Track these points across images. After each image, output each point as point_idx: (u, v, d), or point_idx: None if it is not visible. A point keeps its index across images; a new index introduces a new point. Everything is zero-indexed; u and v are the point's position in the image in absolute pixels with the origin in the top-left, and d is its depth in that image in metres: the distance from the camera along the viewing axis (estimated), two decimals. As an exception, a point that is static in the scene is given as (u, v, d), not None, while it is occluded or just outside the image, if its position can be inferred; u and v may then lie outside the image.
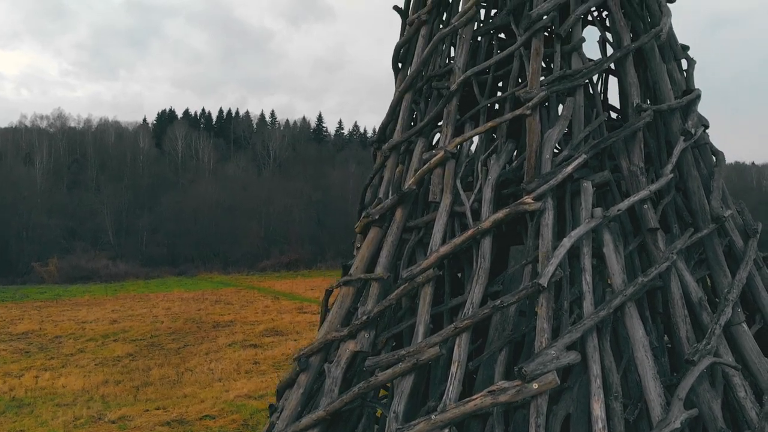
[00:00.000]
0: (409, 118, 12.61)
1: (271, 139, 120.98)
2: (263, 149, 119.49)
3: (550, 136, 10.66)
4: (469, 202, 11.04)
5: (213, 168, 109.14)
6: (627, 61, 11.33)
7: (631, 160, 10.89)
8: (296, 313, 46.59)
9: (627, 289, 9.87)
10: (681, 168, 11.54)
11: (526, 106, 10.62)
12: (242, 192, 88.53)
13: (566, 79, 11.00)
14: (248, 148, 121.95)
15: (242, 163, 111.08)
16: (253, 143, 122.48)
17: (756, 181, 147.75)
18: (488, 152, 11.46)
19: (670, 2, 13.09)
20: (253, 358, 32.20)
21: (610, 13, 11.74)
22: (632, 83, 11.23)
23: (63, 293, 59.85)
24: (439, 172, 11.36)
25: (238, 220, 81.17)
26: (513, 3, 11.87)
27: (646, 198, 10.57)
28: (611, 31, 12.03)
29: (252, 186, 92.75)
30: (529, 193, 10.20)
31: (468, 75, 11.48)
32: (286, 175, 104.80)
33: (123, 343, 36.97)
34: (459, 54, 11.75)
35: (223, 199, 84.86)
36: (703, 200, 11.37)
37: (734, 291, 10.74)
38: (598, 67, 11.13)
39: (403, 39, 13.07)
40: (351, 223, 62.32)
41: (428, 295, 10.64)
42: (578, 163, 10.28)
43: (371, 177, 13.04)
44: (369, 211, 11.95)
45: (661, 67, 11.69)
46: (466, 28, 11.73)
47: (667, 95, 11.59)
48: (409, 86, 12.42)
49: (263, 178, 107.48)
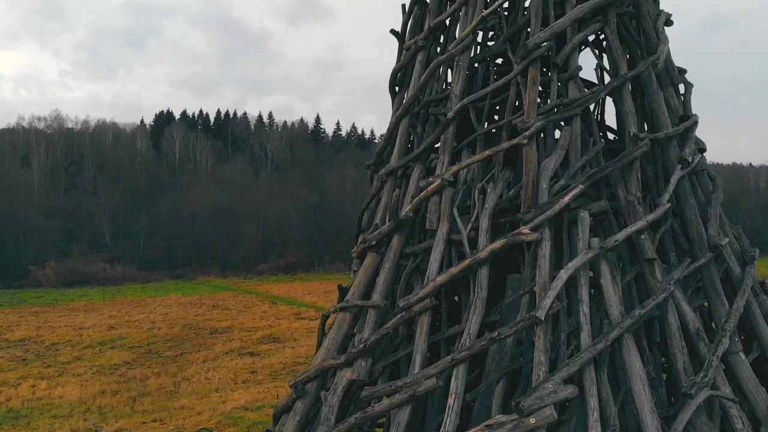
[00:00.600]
0: (407, 142, 12.59)
1: (269, 141, 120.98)
2: (261, 151, 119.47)
3: (546, 166, 10.64)
4: (466, 230, 11.02)
5: (211, 170, 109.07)
6: (624, 89, 11.31)
7: (628, 190, 10.88)
8: (294, 319, 46.59)
9: (624, 322, 9.85)
10: (678, 195, 11.52)
11: (523, 136, 10.61)
12: (240, 195, 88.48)
13: (563, 108, 10.98)
14: (246, 150, 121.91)
15: (240, 165, 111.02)
16: (251, 144, 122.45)
17: (753, 182, 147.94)
18: (485, 180, 11.44)
19: (668, 26, 13.10)
20: (250, 366, 32.15)
21: (607, 41, 11.72)
22: (629, 112, 11.21)
23: (60, 298, 59.82)
24: (435, 200, 11.35)
25: (235, 224, 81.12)
26: (510, 31, 11.86)
27: (644, 228, 10.55)
28: (608, 59, 12.01)
29: (250, 189, 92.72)
30: (526, 224, 10.18)
31: (465, 103, 11.46)
32: (283, 178, 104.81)
33: (120, 350, 36.96)
34: (456, 81, 11.73)
35: (220, 203, 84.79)
36: (700, 228, 11.36)
37: (731, 321, 10.72)
38: (595, 96, 11.12)
39: (400, 64, 13.05)
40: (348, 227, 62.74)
41: (425, 324, 10.63)
42: (575, 193, 10.27)
43: (368, 201, 13.03)
44: (366, 237, 11.93)
45: (658, 94, 11.67)
46: (463, 55, 11.71)
47: (664, 123, 11.57)
48: (406, 111, 12.40)
49: (261, 179, 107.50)
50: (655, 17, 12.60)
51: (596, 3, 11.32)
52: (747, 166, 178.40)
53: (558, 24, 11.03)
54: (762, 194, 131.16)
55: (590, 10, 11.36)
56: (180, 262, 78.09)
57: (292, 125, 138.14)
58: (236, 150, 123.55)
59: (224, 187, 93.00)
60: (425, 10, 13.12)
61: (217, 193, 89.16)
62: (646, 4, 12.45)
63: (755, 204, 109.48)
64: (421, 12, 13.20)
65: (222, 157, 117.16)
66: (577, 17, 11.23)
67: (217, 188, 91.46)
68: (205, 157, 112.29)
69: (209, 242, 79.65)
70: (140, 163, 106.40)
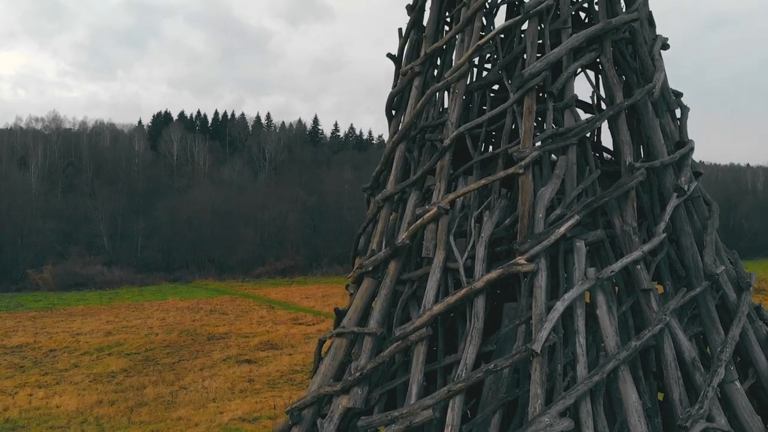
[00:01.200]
0: (403, 168, 12.60)
1: (267, 142, 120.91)
2: (259, 152, 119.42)
3: (542, 195, 10.66)
4: (462, 259, 11.03)
5: (208, 171, 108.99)
6: (620, 118, 11.34)
7: (624, 219, 10.90)
8: (291, 324, 46.53)
9: (620, 354, 9.88)
10: (674, 223, 11.55)
11: (519, 165, 10.63)
12: (238, 197, 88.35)
13: (559, 137, 10.99)
14: (244, 151, 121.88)
15: (238, 166, 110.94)
16: (249, 146, 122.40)
17: (751, 183, 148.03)
18: (481, 207, 11.45)
19: (664, 49, 13.13)
20: (247, 375, 32.10)
21: (603, 70, 11.73)
22: (625, 141, 11.24)
23: (58, 302, 59.75)
24: (432, 228, 11.36)
25: (233, 226, 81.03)
26: (506, 60, 11.88)
27: (639, 259, 10.57)
28: (604, 86, 12.02)
29: (248, 191, 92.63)
30: (522, 254, 10.20)
31: (461, 131, 11.47)
32: (281, 179, 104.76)
33: (117, 357, 36.90)
34: (452, 108, 11.74)
35: (218, 205, 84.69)
36: (696, 257, 11.38)
37: (727, 350, 10.76)
38: (591, 126, 11.13)
39: (396, 89, 13.06)
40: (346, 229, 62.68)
41: (421, 353, 10.65)
42: (571, 224, 10.29)
43: (364, 226, 13.04)
44: (363, 263, 11.94)
45: (654, 122, 11.69)
46: (459, 82, 11.71)
47: (659, 150, 11.59)
48: (403, 137, 12.41)
49: (259, 181, 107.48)
50: (651, 42, 12.62)
51: (592, 32, 11.33)
52: (745, 166, 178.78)
53: (553, 54, 11.04)
54: (760, 196, 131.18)
55: (586, 39, 11.38)
56: (177, 265, 77.96)
57: (290, 126, 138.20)
58: (234, 151, 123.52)
59: (222, 189, 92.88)
60: (422, 35, 13.13)
61: (215, 195, 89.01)
62: (641, 30, 12.47)
63: (753, 206, 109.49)
64: (418, 37, 13.22)
65: (220, 159, 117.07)
66: (572, 46, 11.24)
67: (215, 190, 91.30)
68: (203, 158, 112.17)
69: (207, 245, 79.54)
70: (138, 164, 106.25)
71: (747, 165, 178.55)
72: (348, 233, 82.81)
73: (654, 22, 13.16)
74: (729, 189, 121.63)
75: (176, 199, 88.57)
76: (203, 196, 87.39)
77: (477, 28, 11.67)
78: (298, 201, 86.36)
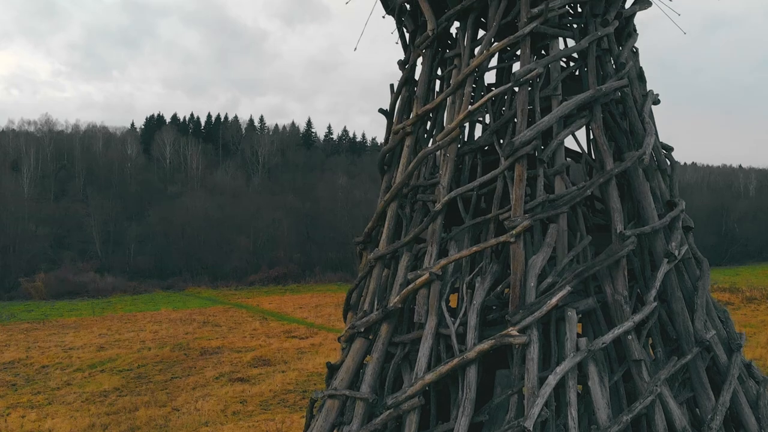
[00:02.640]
0: (395, 226, 12.61)
1: (260, 145, 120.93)
2: (252, 155, 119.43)
3: (534, 263, 10.69)
4: (454, 326, 11.06)
5: (201, 175, 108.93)
6: (610, 185, 11.36)
7: (615, 288, 10.93)
8: (284, 338, 46.57)
9: (612, 428, 9.92)
10: (665, 287, 11.58)
11: (510, 234, 10.65)
12: (231, 204, 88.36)
13: (550, 204, 11.02)
14: (237, 154, 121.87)
15: (231, 170, 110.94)
16: (242, 149, 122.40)
17: (743, 186, 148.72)
18: (473, 274, 11.48)
19: (655, 104, 13.16)
20: (240, 395, 32.10)
21: (593, 135, 11.76)
22: (615, 208, 11.26)
23: (50, 312, 59.69)
24: (423, 293, 11.38)
25: (226, 234, 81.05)
26: (496, 124, 11.90)
27: (631, 329, 10.61)
28: (594, 151, 12.06)
29: (241, 196, 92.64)
30: (514, 325, 10.23)
31: (452, 196, 11.49)
32: (275, 182, 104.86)
33: (110, 374, 36.88)
34: (443, 172, 11.76)
35: (211, 212, 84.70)
36: (687, 322, 11.42)
37: (717, 418, 10.82)
38: (582, 193, 11.14)
39: (388, 146, 13.08)
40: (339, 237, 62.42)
41: (414, 423, 10.67)
42: (562, 295, 10.32)
43: (357, 282, 13.05)
44: (355, 323, 11.96)
45: (644, 186, 11.72)
46: (450, 146, 11.73)
47: (650, 214, 11.62)
48: (394, 197, 12.42)
49: (252, 185, 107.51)
50: (642, 100, 12.65)
51: (582, 99, 11.36)
52: (737, 167, 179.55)
53: (544, 122, 11.06)
54: (752, 199, 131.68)
55: (576, 106, 11.41)
56: (170, 272, 77.96)
57: (283, 129, 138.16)
58: (227, 154, 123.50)
59: (215, 197, 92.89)
60: (413, 91, 13.15)
61: (208, 202, 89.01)
62: (632, 88, 12.51)
63: (745, 211, 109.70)
64: (409, 94, 13.23)
65: (213, 162, 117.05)
66: (562, 114, 11.26)
67: (208, 198, 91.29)
68: (196, 162, 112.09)
69: (200, 252, 79.52)
70: (130, 168, 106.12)
71: (739, 166, 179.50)
72: (341, 239, 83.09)
73: (644, 77, 13.19)
74: (721, 193, 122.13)
75: (169, 205, 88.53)
76: (196, 203, 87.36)
77: (467, 93, 11.69)
78: (291, 208, 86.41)
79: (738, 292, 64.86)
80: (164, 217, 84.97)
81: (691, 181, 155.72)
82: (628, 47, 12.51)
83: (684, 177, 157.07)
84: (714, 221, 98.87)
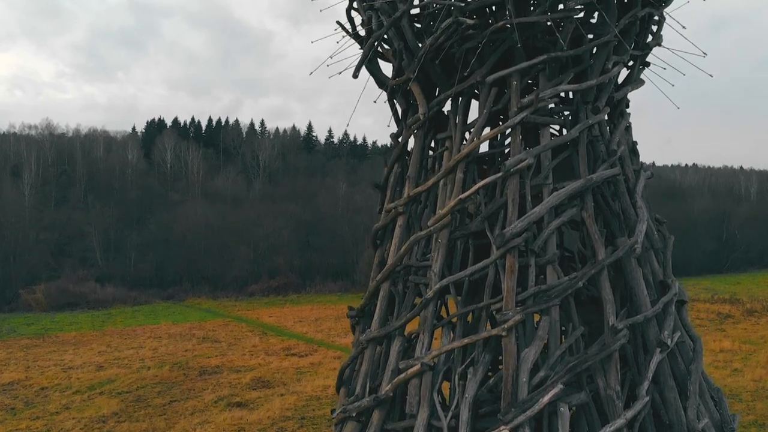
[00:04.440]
0: (387, 307, 12.61)
1: (261, 149, 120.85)
2: (253, 159, 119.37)
3: (526, 357, 10.67)
4: (446, 420, 11.05)
5: (202, 180, 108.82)
6: (602, 275, 11.33)
7: (608, 382, 10.92)
8: (283, 356, 46.58)
9: None
10: (658, 377, 11.57)
11: (501, 328, 10.64)
12: (232, 212, 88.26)
13: (541, 295, 11.00)
14: (238, 158, 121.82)
15: (232, 175, 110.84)
16: (243, 153, 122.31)
17: (744, 188, 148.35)
18: (465, 364, 11.47)
19: (649, 178, 13.12)
20: (238, 422, 32.08)
21: (585, 225, 11.73)
22: (607, 300, 11.24)
23: (50, 326, 59.77)
24: (415, 383, 11.38)
25: (227, 242, 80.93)
26: (488, 210, 11.87)
27: (623, 427, 10.60)
28: (586, 240, 12.03)
29: (242, 205, 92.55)
30: (506, 424, 10.22)
31: (444, 284, 11.48)
32: (276, 189, 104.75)
33: (109, 397, 36.87)
34: (435, 258, 11.75)
35: (212, 220, 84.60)
36: (680, 411, 11.43)
37: None
38: (573, 285, 11.12)
39: (380, 224, 13.09)
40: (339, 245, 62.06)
41: None
42: (555, 393, 10.31)
43: (348, 362, 13.05)
44: (346, 407, 11.95)
45: (636, 272, 11.70)
46: (442, 232, 11.72)
47: (642, 301, 11.60)
48: (387, 277, 12.41)
49: (253, 190, 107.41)
50: (635, 177, 12.62)
51: (573, 190, 11.33)
52: (738, 169, 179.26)
53: (535, 213, 11.05)
54: (753, 202, 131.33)
55: (567, 196, 11.38)
56: (171, 281, 77.85)
57: (284, 132, 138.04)
58: (228, 159, 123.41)
59: (216, 205, 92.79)
60: (405, 167, 13.13)
61: (209, 209, 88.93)
62: (624, 167, 12.48)
63: (746, 216, 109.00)
64: (401, 170, 13.21)
65: (214, 166, 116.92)
66: (553, 205, 11.24)
67: (209, 206, 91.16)
68: (197, 167, 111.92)
69: (200, 261, 79.34)
70: (131, 174, 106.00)
71: (740, 168, 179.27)
72: (341, 246, 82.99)
73: (637, 151, 13.16)
74: (722, 198, 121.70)
75: (170, 213, 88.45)
76: (197, 213, 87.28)
77: (459, 179, 11.68)
78: (292, 215, 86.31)
79: (738, 303, 64.88)
80: (165, 225, 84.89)
81: (693, 182, 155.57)
82: (620, 130, 12.48)
83: (685, 179, 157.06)
84: (714, 226, 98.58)
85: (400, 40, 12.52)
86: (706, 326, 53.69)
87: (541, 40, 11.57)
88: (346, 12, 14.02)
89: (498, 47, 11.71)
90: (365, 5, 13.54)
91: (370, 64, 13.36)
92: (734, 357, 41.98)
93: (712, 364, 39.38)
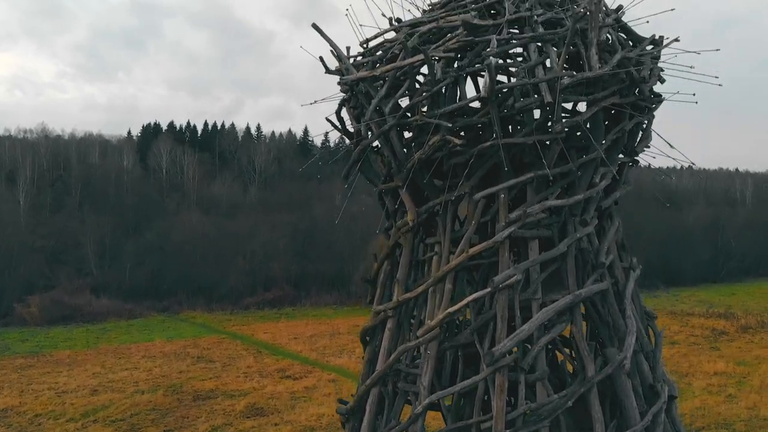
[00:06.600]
0: (377, 411, 12.57)
1: (257, 154, 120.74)
2: (249, 164, 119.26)
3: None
4: None
5: (198, 186, 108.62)
6: (591, 393, 11.30)
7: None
8: (278, 379, 46.58)
9: None
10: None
11: (492, 452, 10.60)
12: (227, 221, 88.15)
13: (532, 414, 10.97)
14: (234, 163, 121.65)
15: (227, 180, 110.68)
16: (239, 158, 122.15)
17: (740, 192, 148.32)
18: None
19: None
20: (231, 457, 32.13)
21: (574, 339, 11.68)
22: (597, 419, 11.21)
23: (45, 342, 59.79)
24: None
25: (223, 254, 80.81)
26: (477, 324, 11.84)
27: None
28: (576, 355, 11.99)
29: (238, 213, 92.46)
30: None
31: (433, 399, 11.44)
32: (272, 191, 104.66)
33: (102, 425, 36.86)
34: (424, 372, 11.70)
35: (207, 229, 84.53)
36: None
37: None
38: (564, 403, 11.08)
39: (370, 325, 13.03)
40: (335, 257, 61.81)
41: None
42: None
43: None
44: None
45: (626, 384, 11.69)
46: (431, 343, 11.67)
47: (631, 414, 11.58)
48: (376, 383, 12.37)
49: (249, 196, 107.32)
50: (624, 278, 12.57)
51: (561, 306, 11.29)
52: (734, 171, 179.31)
53: (524, 330, 11.01)
54: (749, 207, 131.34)
55: (555, 312, 11.33)
56: (166, 292, 77.65)
57: (280, 136, 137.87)
58: (224, 163, 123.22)
59: (212, 209, 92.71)
60: (396, 264, 13.08)
61: (204, 218, 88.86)
62: (614, 268, 12.43)
63: (742, 223, 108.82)
64: (392, 267, 13.16)
65: (210, 172, 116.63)
66: (542, 322, 11.19)
67: (204, 213, 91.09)
68: (193, 172, 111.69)
69: (196, 272, 79.09)
70: (127, 181, 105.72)
71: (736, 170, 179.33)
72: (337, 255, 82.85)
73: (626, 246, 13.11)
74: (718, 206, 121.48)
75: (166, 221, 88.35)
76: (193, 218, 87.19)
77: (448, 290, 11.62)
78: (288, 223, 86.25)
79: (733, 318, 64.91)
80: (161, 233, 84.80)
81: (689, 185, 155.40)
82: (609, 237, 12.43)
83: (681, 182, 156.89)
84: (709, 238, 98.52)
85: (389, 151, 12.48)
86: (701, 344, 53.79)
87: (529, 154, 11.53)
88: (336, 114, 13.97)
89: (485, 162, 11.68)
90: (355, 113, 13.49)
91: (361, 165, 13.34)
92: (728, 381, 41.89)
93: (706, 389, 39.36)
